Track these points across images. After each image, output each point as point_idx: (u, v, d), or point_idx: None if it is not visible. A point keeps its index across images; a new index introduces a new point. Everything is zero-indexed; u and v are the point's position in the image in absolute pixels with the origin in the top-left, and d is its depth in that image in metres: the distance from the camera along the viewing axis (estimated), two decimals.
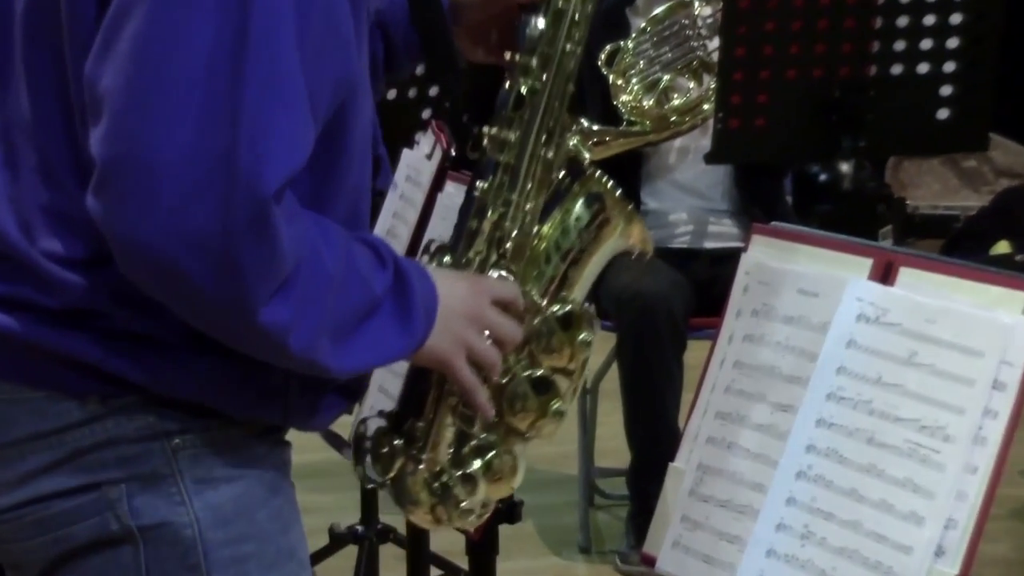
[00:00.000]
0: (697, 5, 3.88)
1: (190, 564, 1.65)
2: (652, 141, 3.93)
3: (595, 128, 3.64)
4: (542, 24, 1.82)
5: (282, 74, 1.53)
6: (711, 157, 3.85)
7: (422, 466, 1.81)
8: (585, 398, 4.42)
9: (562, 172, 1.84)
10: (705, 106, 3.85)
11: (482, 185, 1.81)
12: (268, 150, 1.52)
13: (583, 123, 1.88)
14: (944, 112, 3.67)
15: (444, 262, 1.82)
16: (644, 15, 4.03)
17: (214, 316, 1.57)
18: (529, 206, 1.81)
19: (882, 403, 1.76)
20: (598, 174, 1.85)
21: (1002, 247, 5.56)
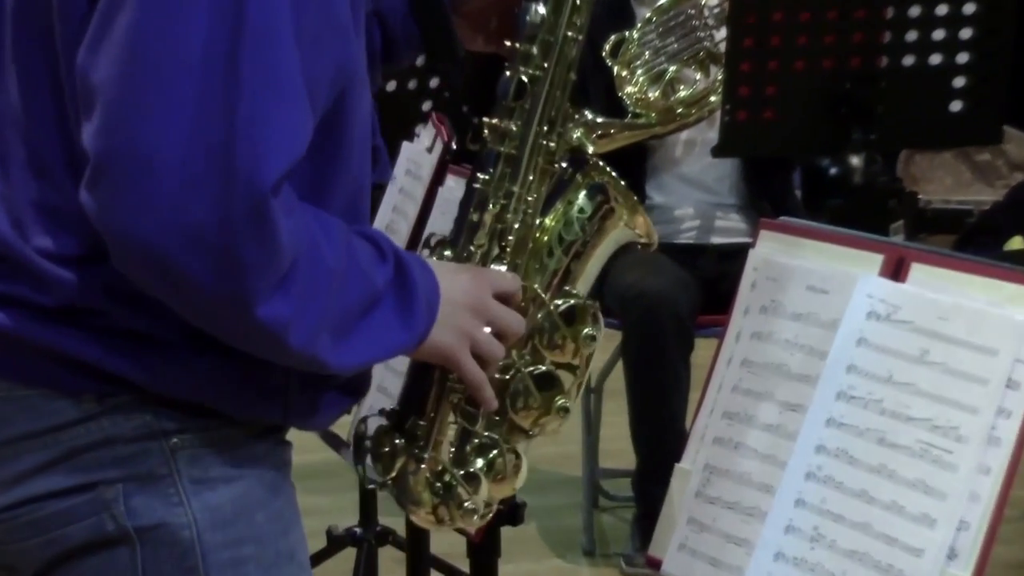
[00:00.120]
0: None
1: (188, 566, 1.65)
2: (658, 134, 3.93)
3: (599, 121, 3.63)
4: (543, 11, 1.82)
5: (279, 63, 1.53)
6: (718, 150, 3.86)
7: (424, 465, 1.81)
8: (589, 397, 4.42)
9: (564, 163, 1.84)
10: (712, 98, 3.84)
11: (483, 177, 1.82)
12: (265, 142, 1.52)
13: (587, 115, 1.88)
14: (957, 104, 3.68)
15: (445, 256, 1.83)
16: (649, 4, 4.03)
17: (212, 312, 1.57)
18: (531, 198, 1.82)
19: (893, 402, 1.76)
20: (601, 164, 1.86)
21: (1016, 243, 5.55)
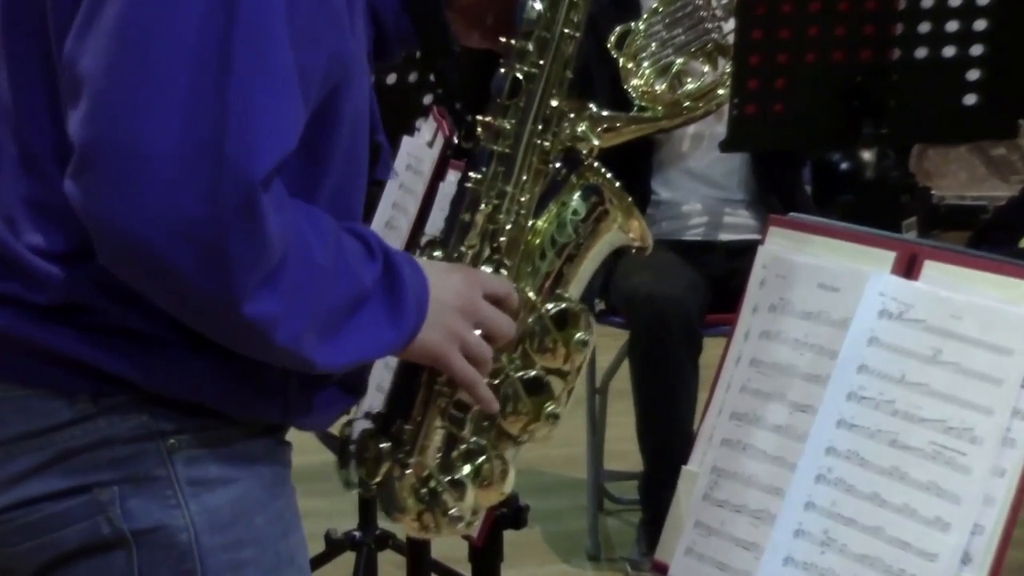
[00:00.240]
0: None
1: (185, 570, 1.65)
2: (664, 128, 3.94)
3: (604, 114, 3.65)
4: (539, 7, 1.82)
5: (271, 54, 1.54)
6: (726, 145, 3.86)
7: (409, 471, 1.81)
8: (594, 398, 4.42)
9: (558, 163, 1.85)
10: (720, 91, 3.85)
11: (475, 176, 1.82)
12: (256, 134, 1.52)
13: (591, 108, 1.88)
14: (971, 97, 3.68)
15: (435, 257, 1.83)
16: None
17: (198, 307, 1.57)
18: (524, 198, 1.82)
19: (905, 403, 1.77)
20: (596, 164, 1.86)
21: None
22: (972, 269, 1.78)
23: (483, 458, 1.82)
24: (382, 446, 1.81)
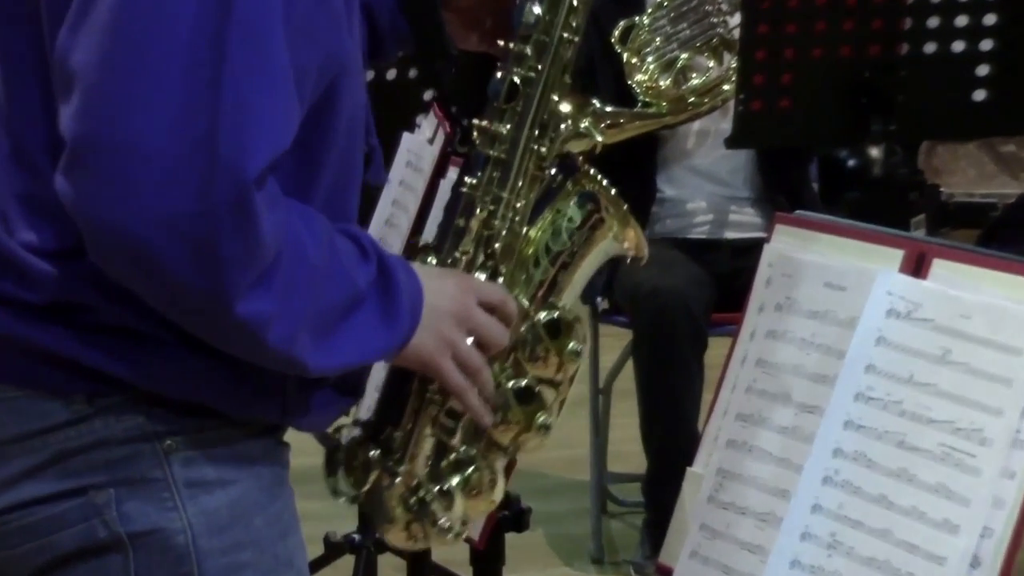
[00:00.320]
0: None
1: (183, 573, 1.65)
2: (669, 124, 3.94)
3: (608, 110, 3.64)
4: (538, 10, 1.82)
5: (267, 51, 1.54)
6: (732, 141, 3.87)
7: (398, 480, 1.81)
8: (597, 399, 4.43)
9: (554, 169, 1.84)
10: (725, 87, 3.85)
11: (470, 181, 1.82)
12: (250, 132, 1.52)
13: (595, 104, 1.88)
14: (981, 93, 3.68)
15: (428, 262, 1.82)
16: None
17: (189, 306, 1.57)
18: (520, 204, 1.82)
19: (914, 404, 1.77)
20: (592, 171, 1.85)
21: None
22: (981, 268, 1.78)
23: (472, 468, 1.82)
24: (371, 453, 1.81)
